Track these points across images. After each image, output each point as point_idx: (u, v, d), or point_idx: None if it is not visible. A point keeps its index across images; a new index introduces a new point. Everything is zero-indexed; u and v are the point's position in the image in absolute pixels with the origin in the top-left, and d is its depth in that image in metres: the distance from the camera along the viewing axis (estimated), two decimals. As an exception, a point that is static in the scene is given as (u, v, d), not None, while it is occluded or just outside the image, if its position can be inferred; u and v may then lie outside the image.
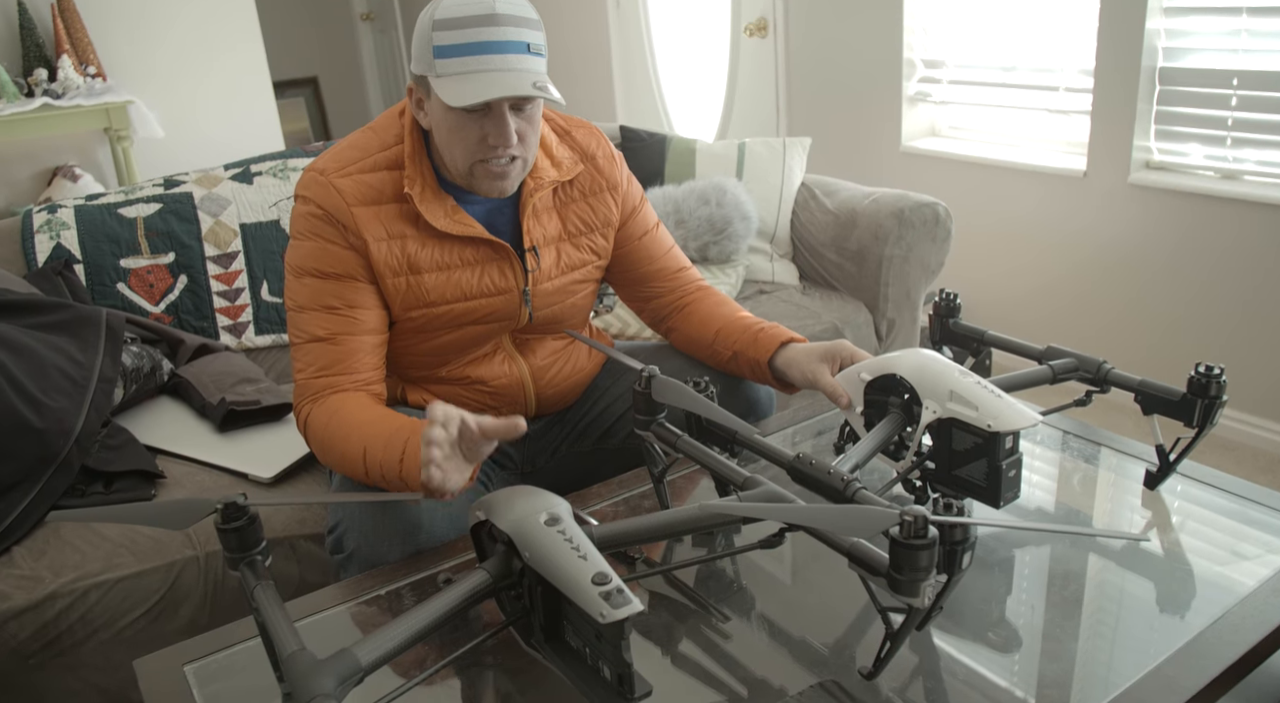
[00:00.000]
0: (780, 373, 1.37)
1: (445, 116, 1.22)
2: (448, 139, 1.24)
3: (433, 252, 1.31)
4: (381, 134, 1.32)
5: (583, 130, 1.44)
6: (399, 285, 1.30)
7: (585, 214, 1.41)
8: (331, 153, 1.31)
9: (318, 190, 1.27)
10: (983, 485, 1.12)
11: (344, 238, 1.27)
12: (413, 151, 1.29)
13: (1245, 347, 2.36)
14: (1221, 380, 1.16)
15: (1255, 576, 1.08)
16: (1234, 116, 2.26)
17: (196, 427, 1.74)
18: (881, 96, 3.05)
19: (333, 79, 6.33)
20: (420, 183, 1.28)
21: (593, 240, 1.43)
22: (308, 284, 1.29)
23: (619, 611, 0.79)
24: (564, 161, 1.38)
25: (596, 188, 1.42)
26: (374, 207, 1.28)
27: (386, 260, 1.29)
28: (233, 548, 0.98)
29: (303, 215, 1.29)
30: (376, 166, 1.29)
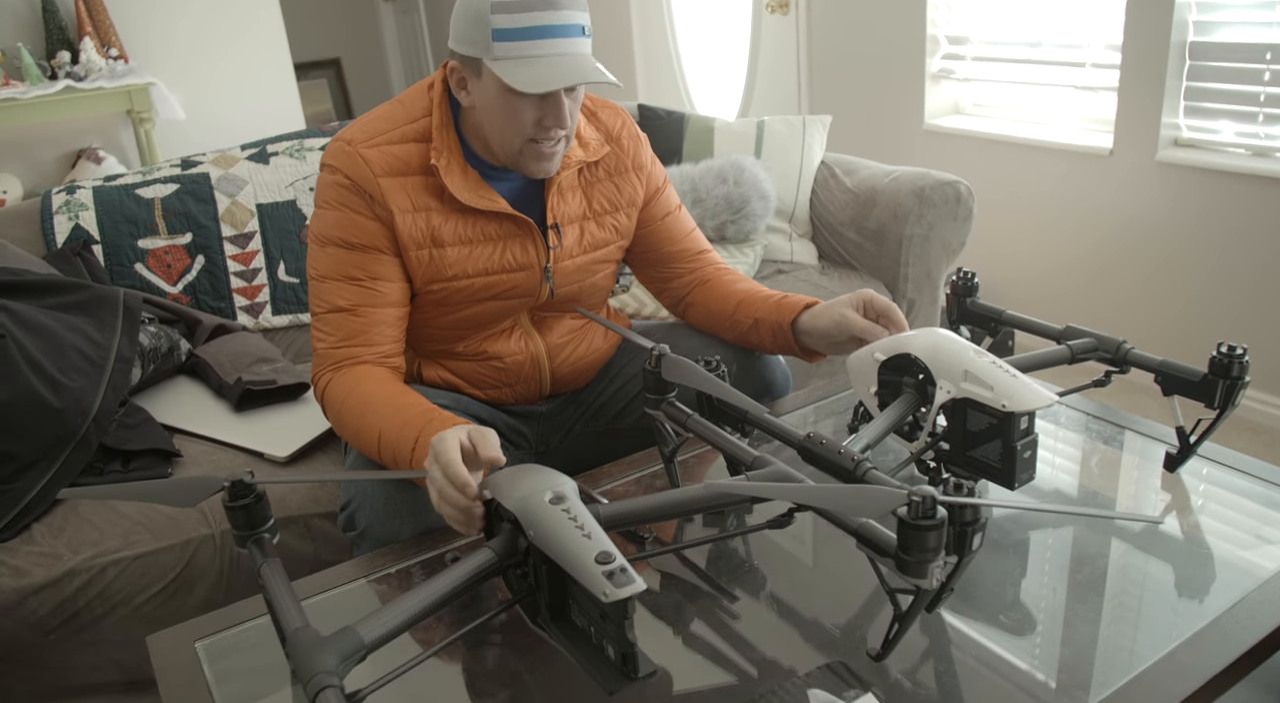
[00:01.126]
0: (804, 332, 1.35)
1: (499, 98, 1.22)
2: (500, 121, 1.24)
3: (456, 225, 1.31)
4: (410, 107, 1.32)
5: (609, 111, 1.44)
6: (422, 258, 1.31)
7: (610, 193, 1.41)
8: (359, 124, 1.31)
9: (345, 160, 1.28)
10: (997, 467, 1.10)
11: (370, 208, 1.28)
12: (441, 125, 1.29)
13: (1271, 327, 2.31)
14: (1244, 361, 1.13)
15: (1276, 559, 1.06)
16: (1267, 92, 2.20)
17: (213, 406, 1.76)
18: (904, 74, 3.01)
19: (355, 61, 6.34)
20: (447, 156, 1.29)
21: (616, 220, 1.43)
22: (331, 254, 1.29)
23: (622, 590, 0.79)
24: (591, 142, 1.39)
25: (621, 168, 1.42)
26: (400, 178, 1.28)
27: (410, 233, 1.29)
28: (240, 525, 0.98)
29: (329, 185, 1.30)
30: (405, 138, 1.29)
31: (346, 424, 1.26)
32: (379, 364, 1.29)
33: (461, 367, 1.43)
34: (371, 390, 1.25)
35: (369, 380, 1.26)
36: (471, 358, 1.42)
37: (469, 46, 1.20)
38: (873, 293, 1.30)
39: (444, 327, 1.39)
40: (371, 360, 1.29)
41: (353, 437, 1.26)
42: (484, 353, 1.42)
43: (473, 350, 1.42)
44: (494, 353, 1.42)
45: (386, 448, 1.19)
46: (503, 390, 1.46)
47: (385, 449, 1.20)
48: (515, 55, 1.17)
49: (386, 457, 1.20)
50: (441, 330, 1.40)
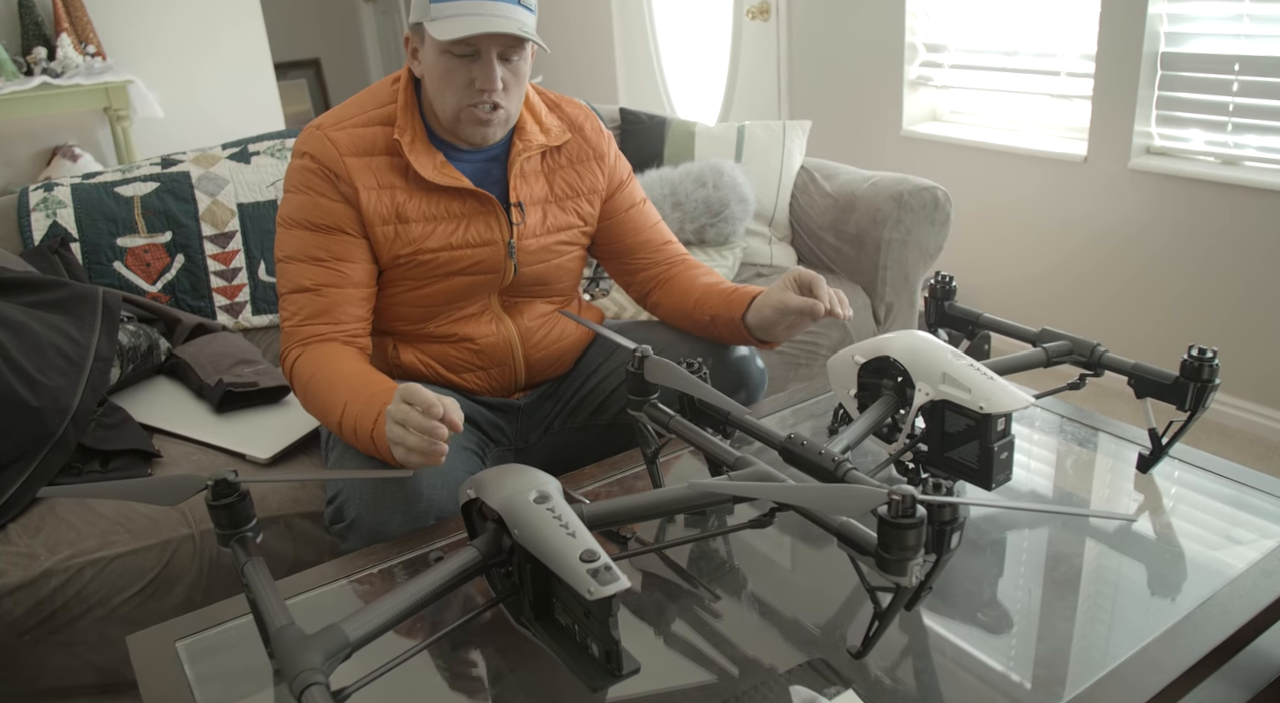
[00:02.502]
0: (754, 324, 1.40)
1: (437, 61, 1.29)
2: (438, 84, 1.31)
3: (420, 203, 1.36)
4: (378, 95, 1.39)
5: (572, 106, 1.50)
6: (387, 234, 1.35)
7: (572, 180, 1.47)
8: (331, 111, 1.39)
9: (313, 144, 1.34)
10: (975, 467, 1.12)
11: (336, 189, 1.33)
12: (405, 107, 1.36)
13: (1242, 333, 2.35)
14: (1214, 363, 1.16)
15: (1245, 558, 1.08)
16: (1235, 102, 2.25)
17: (194, 407, 1.75)
18: (883, 80, 3.04)
19: (335, 61, 6.31)
20: (411, 134, 1.35)
21: (578, 206, 1.48)
22: (296, 236, 1.34)
23: (606, 587, 0.80)
24: (552, 129, 1.45)
25: (584, 156, 1.47)
26: (365, 157, 1.34)
27: (376, 209, 1.34)
28: (223, 524, 0.98)
29: (297, 170, 1.35)
30: (371, 122, 1.36)
31: (312, 396, 1.29)
32: (347, 343, 1.34)
33: (436, 350, 1.46)
34: (341, 366, 1.29)
35: (338, 358, 1.30)
36: (444, 340, 1.45)
37: (416, 13, 1.28)
38: (799, 269, 1.36)
39: (413, 303, 1.42)
40: (339, 339, 1.33)
41: (318, 408, 1.29)
42: (455, 335, 1.45)
43: (445, 332, 1.45)
44: (466, 335, 1.45)
45: (349, 421, 1.22)
46: (478, 374, 1.48)
47: (347, 423, 1.23)
48: (449, 14, 1.24)
49: (348, 428, 1.23)
50: (411, 307, 1.43)
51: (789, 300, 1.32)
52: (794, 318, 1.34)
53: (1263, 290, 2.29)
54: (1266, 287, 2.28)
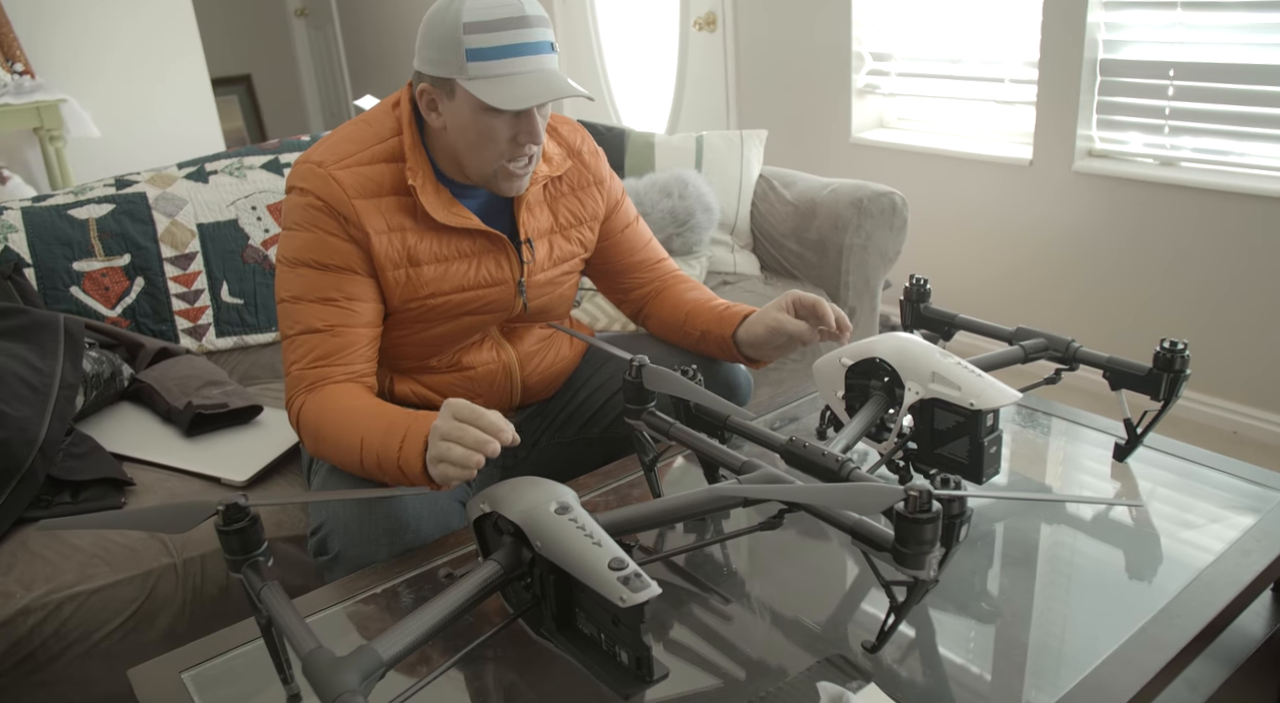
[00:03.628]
0: (744, 341, 1.40)
1: (475, 118, 1.23)
2: (476, 141, 1.25)
3: (431, 244, 1.32)
4: (377, 127, 1.32)
5: (567, 126, 1.47)
6: (399, 278, 1.31)
7: (575, 207, 1.44)
8: (327, 145, 1.31)
9: (317, 182, 1.27)
10: (965, 463, 1.15)
11: (344, 230, 1.28)
12: (412, 144, 1.30)
13: (1183, 326, 2.46)
14: (1185, 355, 1.21)
15: (1224, 538, 1.13)
16: (1171, 106, 2.35)
17: (162, 432, 1.71)
18: (831, 89, 3.10)
19: (267, 76, 6.20)
20: (421, 175, 1.30)
21: (581, 233, 1.46)
22: (303, 275, 1.29)
23: (639, 594, 0.81)
24: (554, 157, 1.41)
25: (584, 182, 1.45)
26: (374, 199, 1.28)
27: (387, 253, 1.29)
28: (234, 550, 0.96)
29: (300, 206, 1.29)
30: (375, 159, 1.29)
31: (325, 439, 1.25)
32: (352, 381, 1.29)
33: (434, 380, 1.44)
34: (349, 404, 1.25)
35: (345, 396, 1.26)
36: (444, 370, 1.43)
37: (441, 68, 1.22)
38: (799, 293, 1.36)
39: (419, 343, 1.40)
40: (344, 379, 1.29)
41: (332, 451, 1.24)
42: (457, 364, 1.43)
43: (446, 364, 1.43)
44: (467, 364, 1.44)
45: (369, 453, 1.19)
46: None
47: (368, 454, 1.19)
48: (491, 74, 1.19)
49: (370, 462, 1.19)
50: (417, 347, 1.40)
51: (784, 322, 1.33)
52: (785, 339, 1.34)
53: (1202, 284, 2.40)
54: (1206, 281, 2.39)
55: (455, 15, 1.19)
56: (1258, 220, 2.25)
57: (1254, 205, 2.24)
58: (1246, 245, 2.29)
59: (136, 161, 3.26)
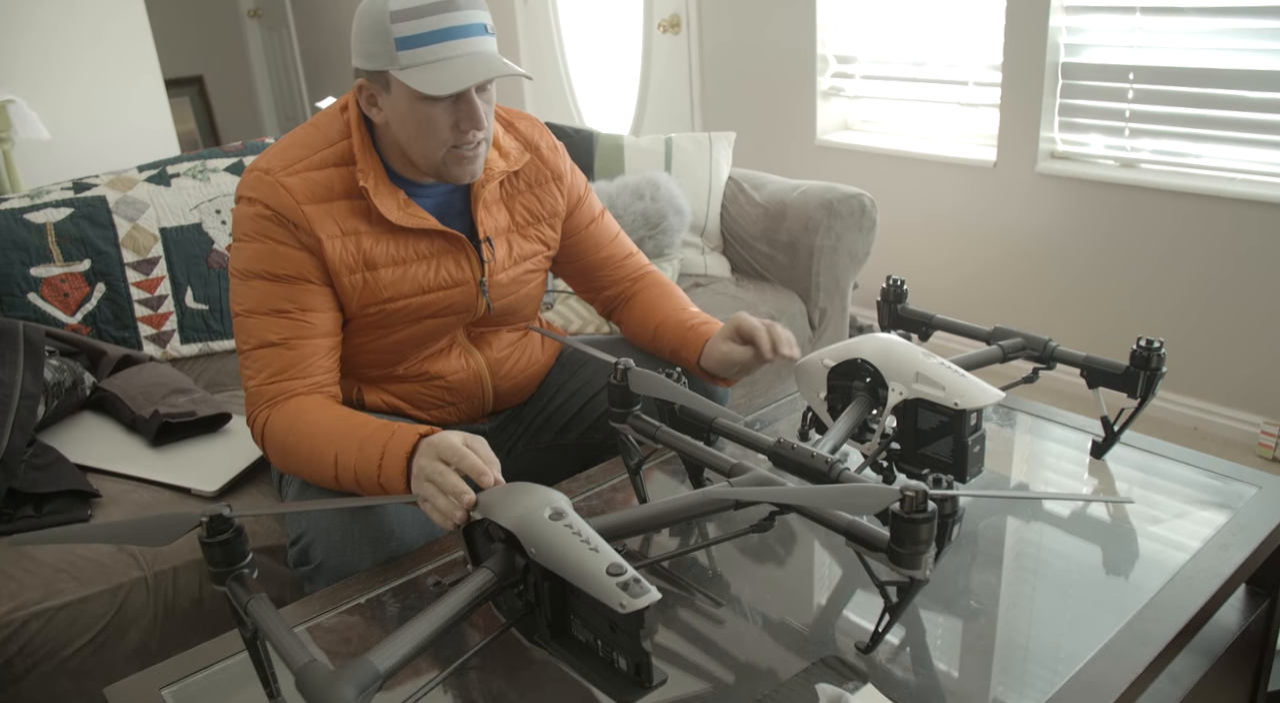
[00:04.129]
0: (708, 367, 1.40)
1: (413, 108, 1.21)
2: (417, 131, 1.23)
3: (387, 246, 1.29)
4: (325, 131, 1.29)
5: (525, 121, 1.44)
6: (355, 282, 1.28)
7: (532, 205, 1.42)
8: (274, 152, 1.28)
9: (265, 190, 1.24)
10: (949, 462, 1.16)
11: (295, 238, 1.25)
12: (361, 146, 1.27)
13: (1144, 324, 2.51)
14: (1161, 353, 1.23)
15: (1201, 535, 1.15)
16: (1131, 108, 2.40)
17: (128, 442, 1.66)
18: (796, 92, 3.12)
19: (219, 78, 6.09)
20: (373, 177, 1.27)
21: (540, 231, 1.43)
22: (256, 287, 1.25)
23: (639, 600, 0.80)
24: (511, 152, 1.39)
25: (542, 178, 1.42)
26: (325, 204, 1.25)
27: (342, 258, 1.26)
28: (218, 562, 0.94)
29: (249, 217, 1.26)
30: (324, 164, 1.27)
31: (295, 456, 1.22)
32: (315, 393, 1.26)
33: (403, 389, 1.41)
34: (316, 417, 1.22)
35: (310, 409, 1.23)
36: (413, 379, 1.40)
37: (374, 60, 1.20)
38: (741, 318, 1.35)
39: (381, 350, 1.37)
40: (306, 391, 1.26)
41: (304, 468, 1.22)
42: (425, 373, 1.40)
43: (413, 372, 1.40)
44: (436, 372, 1.40)
45: (346, 472, 1.17)
46: (447, 410, 1.45)
47: (344, 473, 1.17)
48: (422, 61, 1.17)
49: (346, 478, 1.17)
50: (379, 354, 1.37)
51: (732, 354, 1.34)
52: (739, 367, 1.35)
53: (1162, 284, 2.45)
54: (1166, 280, 2.44)
55: (383, 5, 1.17)
56: (1215, 221, 2.31)
57: (1211, 206, 2.30)
58: (1204, 245, 2.34)
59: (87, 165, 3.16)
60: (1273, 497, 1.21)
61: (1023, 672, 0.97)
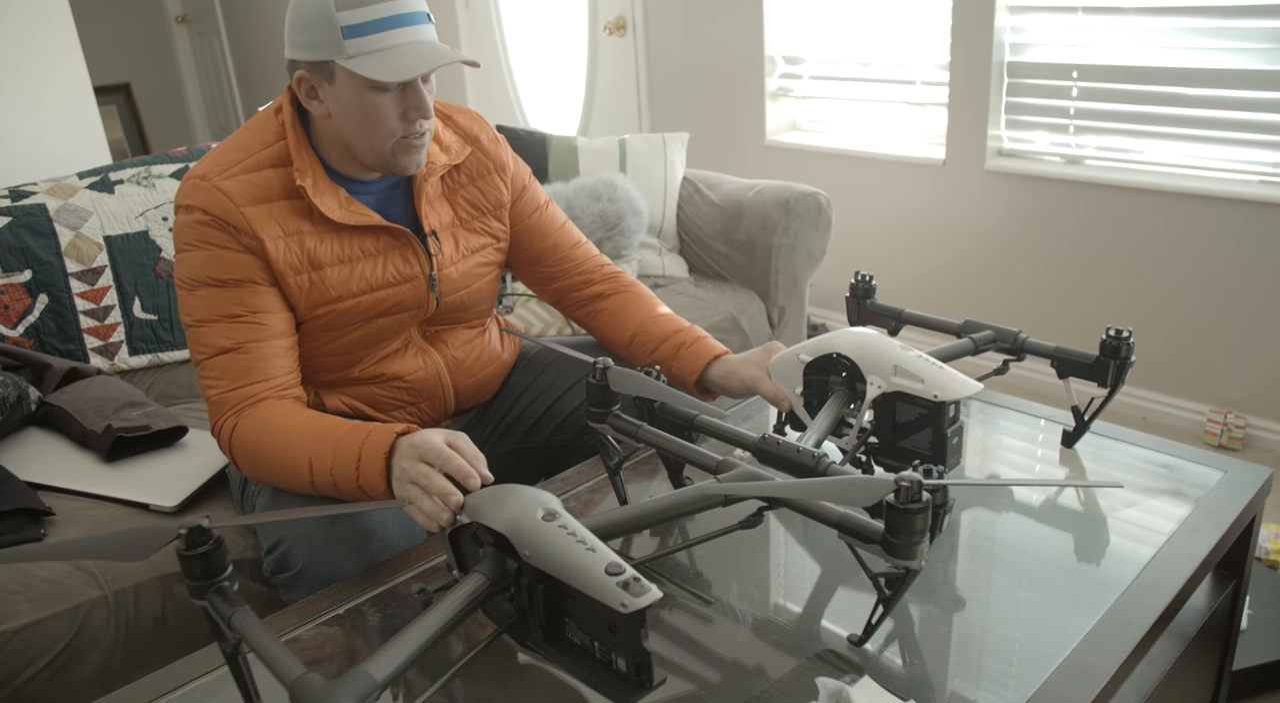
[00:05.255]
0: (713, 386, 1.37)
1: (361, 98, 1.19)
2: (364, 122, 1.21)
3: (332, 245, 1.27)
4: (260, 133, 1.27)
5: (464, 115, 1.43)
6: (301, 283, 1.26)
7: (475, 198, 1.40)
8: (210, 158, 1.25)
9: (202, 196, 1.22)
10: (928, 454, 1.17)
11: (237, 241, 1.22)
12: (297, 145, 1.25)
13: (1091, 317, 2.57)
14: (1130, 342, 1.26)
15: (1173, 518, 1.18)
16: (1075, 106, 2.46)
17: (79, 458, 1.60)
18: (744, 93, 3.14)
19: (147, 86, 5.91)
20: (311, 175, 1.25)
21: (486, 224, 1.42)
22: (203, 296, 1.23)
23: (640, 599, 0.79)
24: (452, 146, 1.37)
25: (484, 170, 1.41)
26: (265, 205, 1.23)
27: (286, 258, 1.24)
28: (198, 576, 0.90)
29: (189, 225, 1.23)
30: (260, 165, 1.24)
31: (267, 463, 1.19)
32: (281, 397, 1.23)
33: (362, 391, 1.38)
34: (286, 423, 1.19)
35: (279, 414, 1.20)
36: (371, 381, 1.38)
37: (316, 50, 1.18)
38: (781, 347, 1.32)
39: (334, 352, 1.34)
40: (272, 395, 1.23)
41: (277, 475, 1.19)
42: (382, 375, 1.38)
43: (370, 373, 1.37)
44: (393, 374, 1.38)
45: (322, 476, 1.14)
46: (408, 411, 1.42)
47: (321, 477, 1.14)
48: (371, 49, 1.16)
49: (323, 483, 1.15)
50: (332, 357, 1.35)
51: (761, 384, 1.28)
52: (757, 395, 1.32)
53: (1109, 275, 2.51)
54: (1112, 272, 2.50)
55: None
56: (1159, 215, 2.37)
57: (1153, 200, 2.37)
58: (1147, 239, 2.41)
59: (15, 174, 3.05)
60: (1237, 481, 1.24)
61: (1012, 659, 0.98)
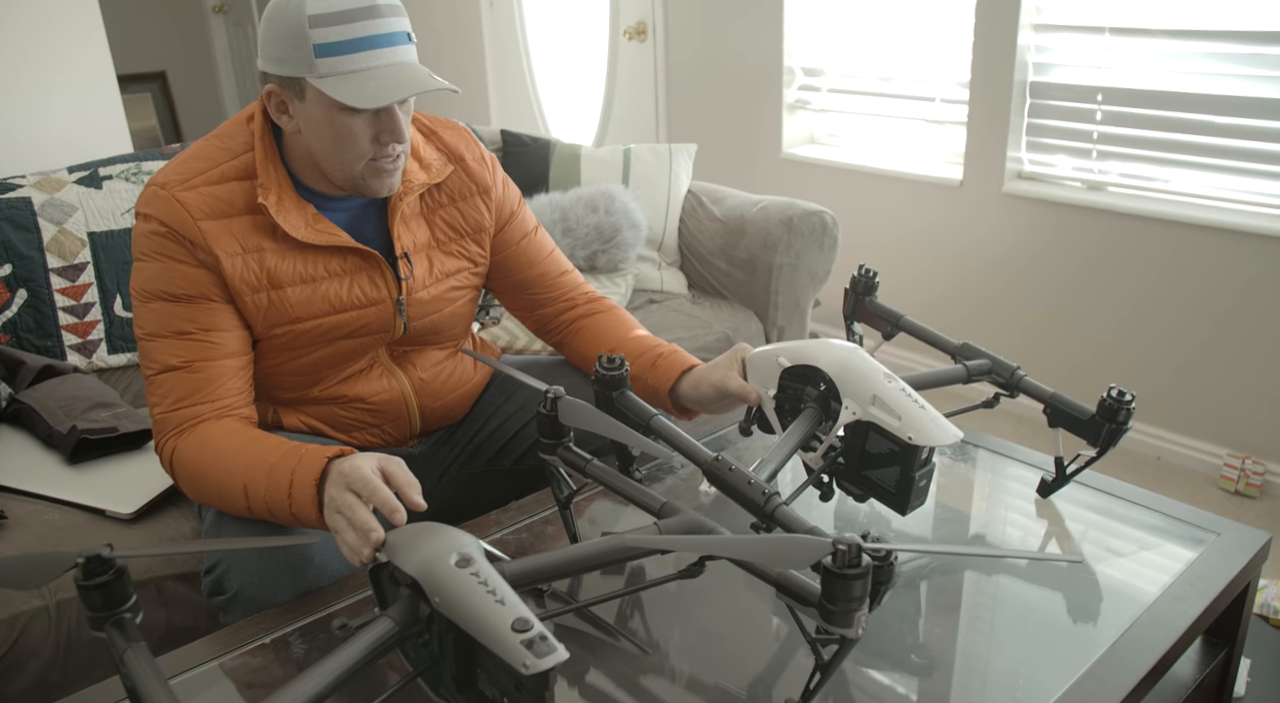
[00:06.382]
0: (682, 398, 1.32)
1: (331, 118, 1.14)
2: (333, 143, 1.16)
3: (294, 264, 1.22)
4: (228, 142, 1.22)
5: (451, 131, 1.37)
6: (259, 302, 1.21)
7: (454, 220, 1.34)
8: (174, 165, 1.21)
9: (159, 206, 1.17)
10: (892, 492, 1.10)
11: (192, 255, 1.18)
12: (265, 159, 1.20)
13: (1110, 351, 2.47)
14: (1130, 407, 1.18)
15: (1157, 583, 1.10)
16: (1099, 130, 2.36)
17: (43, 459, 1.58)
18: (762, 103, 3.07)
19: (183, 74, 5.97)
20: (276, 192, 1.20)
21: (464, 247, 1.36)
22: (156, 309, 1.18)
23: (544, 660, 0.73)
24: (433, 163, 1.31)
25: (466, 191, 1.35)
26: (224, 220, 1.18)
27: (243, 276, 1.19)
28: (97, 607, 0.87)
29: (145, 234, 1.19)
30: (225, 177, 1.20)
31: (206, 487, 1.16)
32: (225, 416, 1.19)
33: (322, 411, 1.34)
34: (223, 445, 1.15)
35: (217, 436, 1.16)
36: (331, 402, 1.33)
37: (287, 66, 1.13)
38: (749, 349, 1.27)
39: (294, 372, 1.29)
40: (215, 416, 1.18)
41: (215, 500, 1.16)
42: (344, 396, 1.33)
43: (331, 394, 1.32)
44: (355, 395, 1.33)
45: (257, 502, 1.10)
46: (371, 432, 1.37)
47: (256, 503, 1.10)
48: (343, 70, 1.10)
49: (259, 509, 1.10)
50: (292, 376, 1.30)
51: (730, 382, 1.22)
52: (733, 399, 1.25)
53: (1129, 308, 2.41)
54: (1133, 305, 2.40)
55: (299, 7, 1.10)
56: (1183, 247, 2.27)
57: (1178, 232, 2.26)
58: (1171, 271, 2.31)
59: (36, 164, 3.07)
60: (1232, 545, 1.16)
61: (963, 733, 0.91)
